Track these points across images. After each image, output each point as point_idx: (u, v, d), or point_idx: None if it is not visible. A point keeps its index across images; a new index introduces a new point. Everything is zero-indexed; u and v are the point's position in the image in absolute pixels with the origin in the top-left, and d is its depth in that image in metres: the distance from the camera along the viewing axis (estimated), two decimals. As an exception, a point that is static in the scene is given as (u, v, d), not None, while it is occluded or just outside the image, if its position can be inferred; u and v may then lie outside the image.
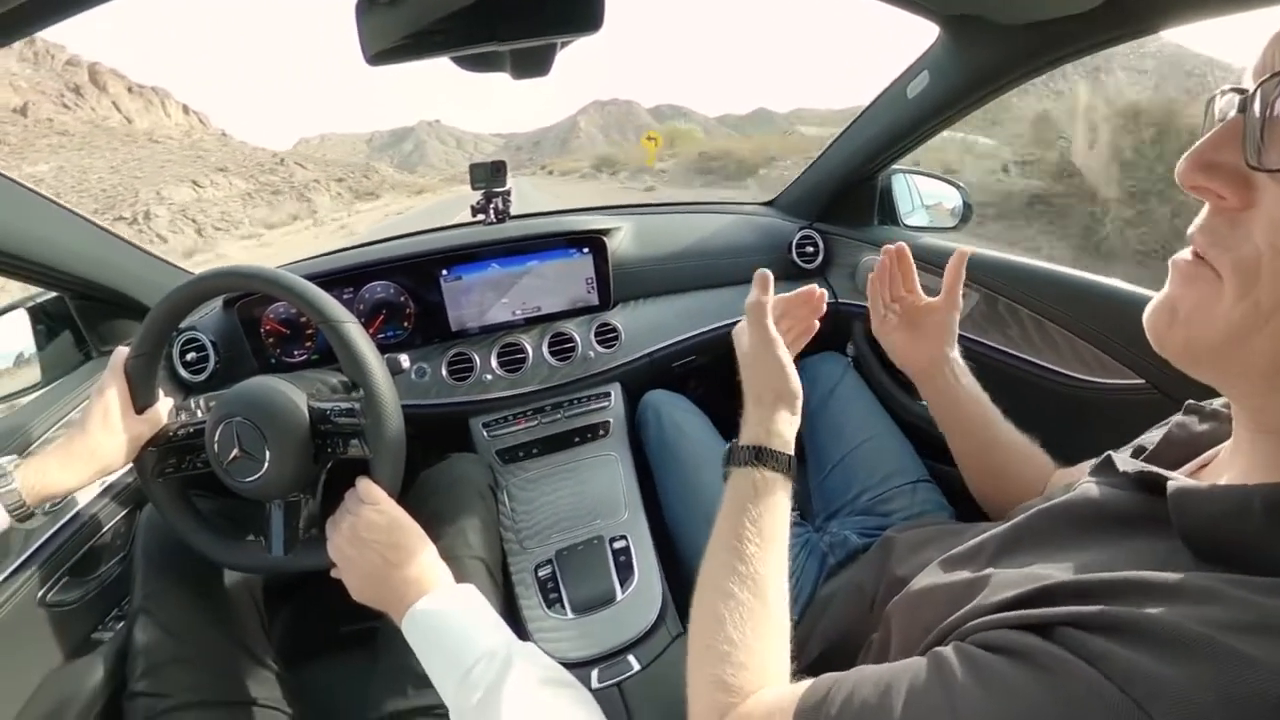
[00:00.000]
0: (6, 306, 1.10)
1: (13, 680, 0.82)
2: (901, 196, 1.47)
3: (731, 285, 1.53)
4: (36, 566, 0.86)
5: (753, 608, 0.53)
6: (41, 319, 1.12)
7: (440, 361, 1.35)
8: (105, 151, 35.90)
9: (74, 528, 0.93)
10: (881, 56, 73.73)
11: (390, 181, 62.93)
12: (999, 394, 1.18)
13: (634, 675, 0.92)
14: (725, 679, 0.49)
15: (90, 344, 1.17)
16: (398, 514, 0.74)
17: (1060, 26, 0.84)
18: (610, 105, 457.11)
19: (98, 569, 0.97)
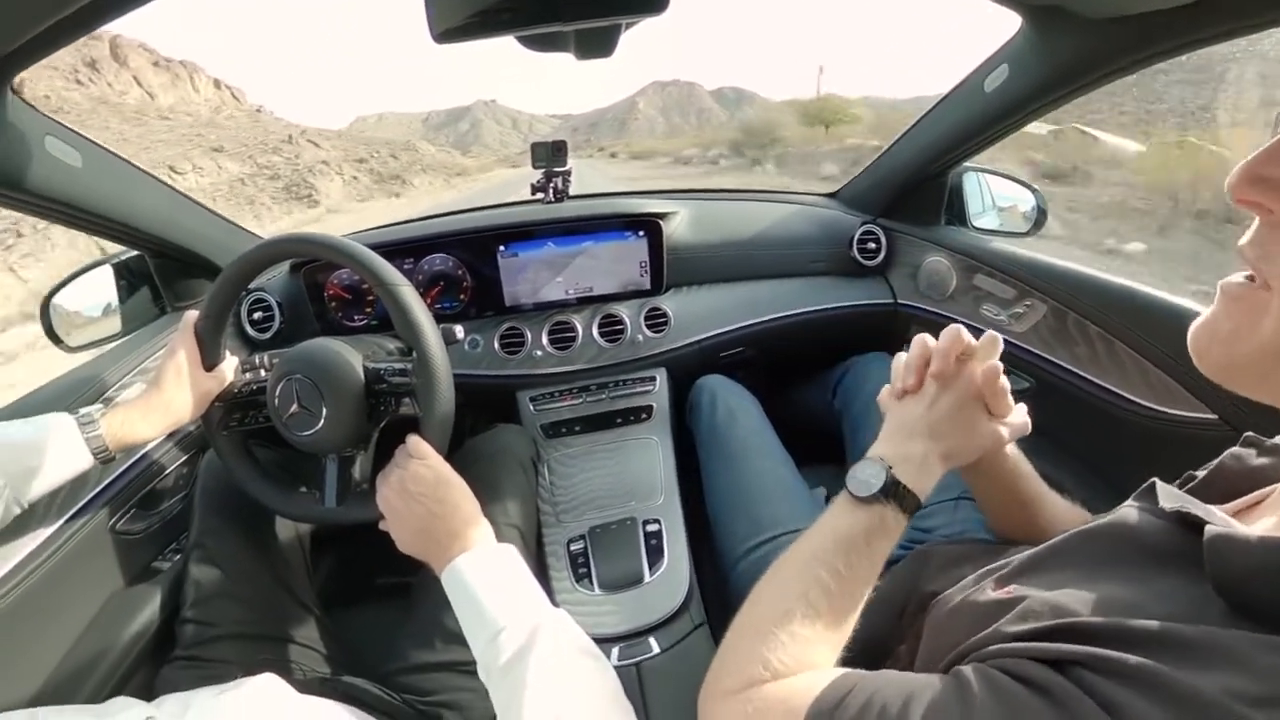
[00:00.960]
0: (96, 262, 1.19)
1: (83, 595, 0.90)
2: (972, 196, 1.40)
3: (788, 278, 1.51)
4: (109, 499, 0.94)
5: (825, 621, 0.53)
6: (124, 275, 1.21)
7: (493, 335, 1.38)
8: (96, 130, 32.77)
9: (142, 466, 1.01)
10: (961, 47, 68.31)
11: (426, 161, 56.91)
12: (1060, 416, 1.13)
13: (653, 657, 0.92)
14: (771, 659, 0.50)
15: (165, 299, 1.26)
16: (445, 470, 0.76)
17: (1153, 21, 0.78)
18: (671, 87, 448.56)
19: (161, 505, 1.06)
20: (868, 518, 0.57)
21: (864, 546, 0.56)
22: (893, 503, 0.57)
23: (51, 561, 0.84)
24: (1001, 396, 0.62)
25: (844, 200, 1.63)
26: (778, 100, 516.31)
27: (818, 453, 1.28)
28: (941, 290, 1.35)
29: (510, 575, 0.69)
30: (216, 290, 0.88)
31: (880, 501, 0.57)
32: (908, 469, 0.59)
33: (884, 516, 0.57)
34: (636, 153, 64.15)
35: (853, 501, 0.59)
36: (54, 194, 0.92)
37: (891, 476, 0.58)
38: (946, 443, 0.61)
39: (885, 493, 0.57)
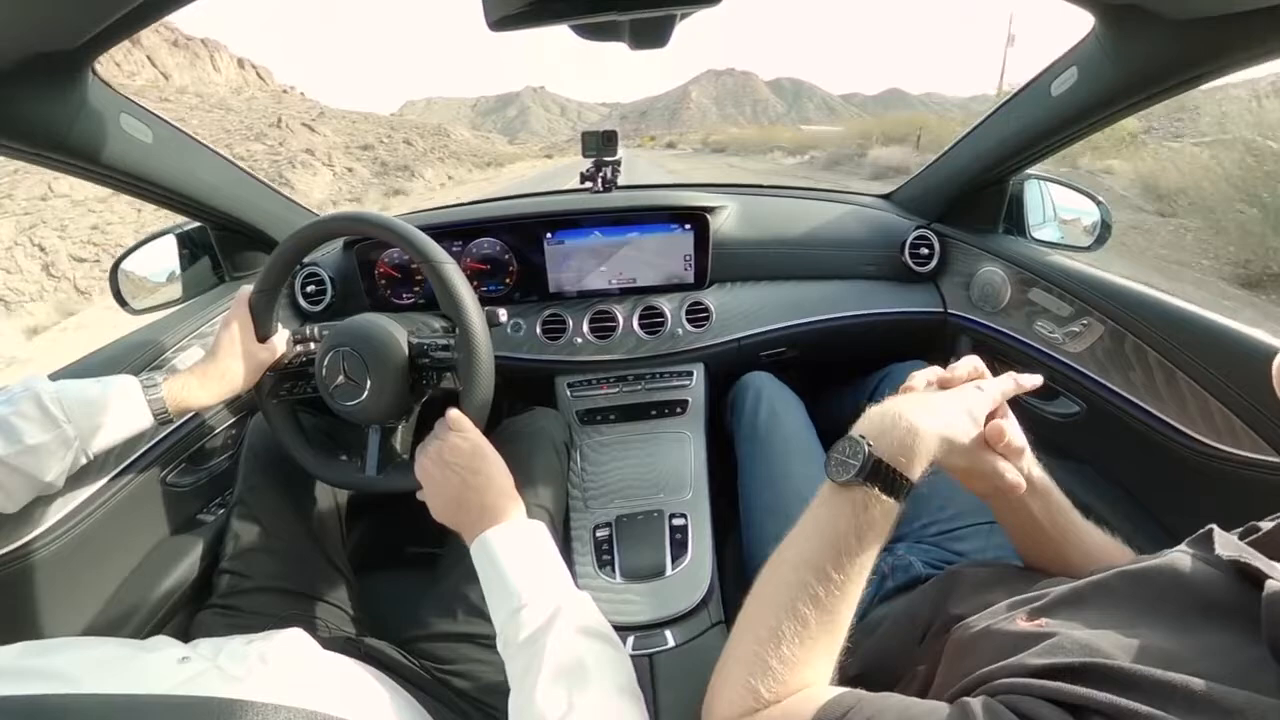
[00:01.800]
0: (161, 231, 1.26)
1: (133, 540, 0.97)
2: (1033, 206, 1.33)
3: (835, 279, 1.48)
4: (162, 453, 1.00)
5: (816, 637, 0.49)
6: (187, 245, 1.29)
7: (535, 320, 1.40)
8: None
9: (194, 425, 1.07)
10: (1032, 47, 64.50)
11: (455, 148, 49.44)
12: (1109, 445, 1.08)
13: (667, 650, 0.93)
14: (761, 690, 0.48)
15: (224, 269, 1.33)
16: (482, 443, 0.77)
17: (1240, 24, 0.73)
18: (726, 76, 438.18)
19: (209, 462, 1.12)
20: (851, 507, 0.51)
21: (852, 543, 0.50)
22: (874, 486, 0.50)
23: (107, 507, 0.90)
24: (999, 439, 0.57)
25: (898, 202, 1.58)
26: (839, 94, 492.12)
27: None
28: (994, 302, 1.29)
29: (537, 552, 0.70)
30: (271, 264, 0.92)
31: (861, 485, 0.51)
32: (889, 441, 0.52)
33: (867, 504, 0.50)
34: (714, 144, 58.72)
35: (833, 489, 0.53)
36: (126, 167, 0.99)
37: (870, 453, 0.51)
38: (940, 420, 0.54)
39: (865, 473, 0.50)
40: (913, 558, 0.91)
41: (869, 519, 0.50)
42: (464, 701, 0.78)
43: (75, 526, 0.85)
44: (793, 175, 19.23)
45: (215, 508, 1.11)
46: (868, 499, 0.51)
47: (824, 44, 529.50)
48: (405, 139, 42.53)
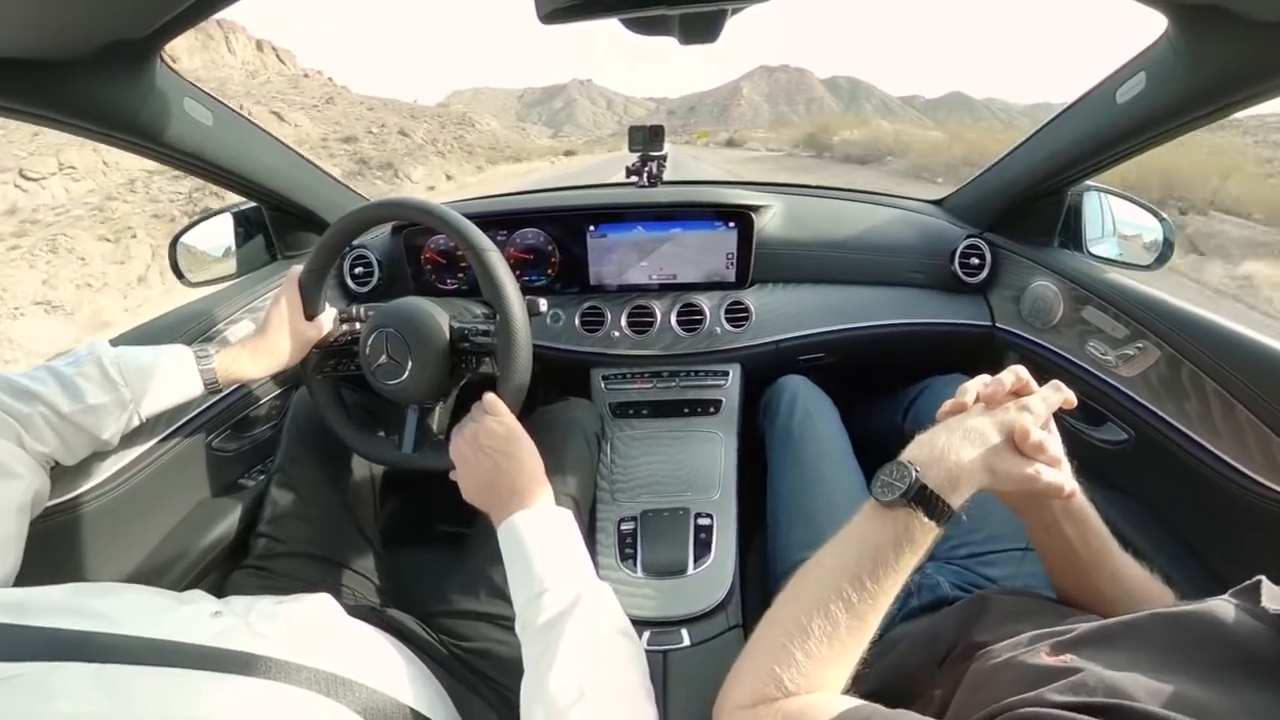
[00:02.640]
0: (219, 210, 1.33)
1: (177, 499, 1.02)
2: (1092, 219, 1.27)
3: (880, 285, 1.44)
4: (209, 419, 1.05)
5: (843, 639, 0.51)
6: (242, 223, 1.35)
7: (575, 311, 1.41)
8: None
9: (241, 394, 1.12)
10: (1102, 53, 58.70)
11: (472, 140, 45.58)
12: (1156, 478, 1.03)
13: (682, 649, 0.93)
14: (784, 679, 0.49)
15: (277, 248, 1.39)
16: (516, 428, 0.79)
17: None
18: (780, 72, 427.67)
19: (253, 430, 1.17)
20: (893, 525, 0.53)
21: (890, 558, 0.52)
22: (918, 509, 0.52)
23: (156, 466, 0.95)
24: (1040, 451, 0.56)
25: (950, 209, 1.53)
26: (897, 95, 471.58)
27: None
28: (1045, 319, 1.24)
29: (563, 539, 0.71)
30: (322, 245, 0.95)
31: (905, 507, 0.53)
32: (937, 471, 0.54)
33: (910, 525, 0.52)
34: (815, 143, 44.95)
35: (877, 508, 0.55)
36: (188, 148, 1.04)
37: (917, 479, 0.53)
38: (988, 451, 0.56)
39: (910, 497, 0.52)
40: (940, 578, 0.89)
41: (909, 538, 0.52)
42: (479, 679, 0.79)
43: (126, 482, 0.90)
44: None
45: (256, 474, 1.16)
46: (910, 520, 0.53)
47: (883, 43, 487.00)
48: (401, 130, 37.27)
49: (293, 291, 0.94)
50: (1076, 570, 0.65)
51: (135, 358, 0.81)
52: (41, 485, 0.72)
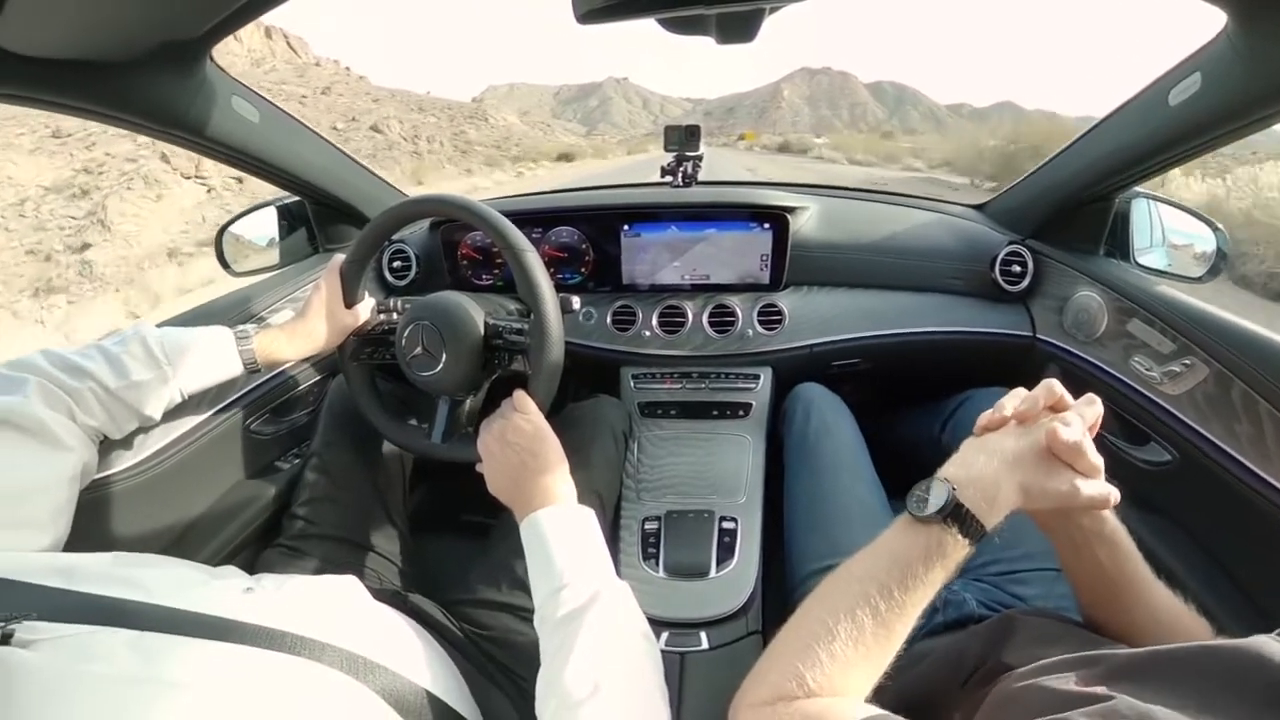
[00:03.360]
0: (263, 203, 1.38)
1: (215, 477, 1.05)
2: (1140, 227, 1.21)
3: (917, 291, 1.41)
4: (249, 402, 1.09)
5: (868, 645, 0.51)
6: (286, 216, 1.39)
7: (607, 310, 1.42)
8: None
9: (280, 380, 1.16)
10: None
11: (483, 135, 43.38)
12: (1200, 502, 0.98)
13: (700, 651, 0.93)
14: (807, 678, 0.49)
15: (319, 241, 1.43)
16: (543, 426, 0.80)
17: None
18: (821, 75, 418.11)
19: (290, 415, 1.21)
20: (925, 540, 0.53)
21: (920, 571, 0.52)
22: (954, 526, 0.53)
23: (196, 445, 0.99)
24: (1077, 455, 0.54)
25: (991, 214, 1.49)
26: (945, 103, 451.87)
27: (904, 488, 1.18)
28: (1088, 330, 1.19)
29: (584, 537, 0.72)
30: (363, 238, 0.98)
31: (939, 523, 0.53)
32: (974, 492, 0.54)
33: (943, 541, 0.53)
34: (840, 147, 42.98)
35: (911, 521, 0.55)
36: (235, 144, 1.09)
37: (954, 497, 0.53)
38: (1024, 473, 0.55)
39: (945, 513, 0.53)
40: (968, 595, 0.87)
41: (940, 554, 0.53)
42: (496, 668, 0.80)
43: (168, 458, 0.94)
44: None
45: (292, 457, 1.20)
46: (943, 536, 0.53)
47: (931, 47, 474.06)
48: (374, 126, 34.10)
49: (333, 280, 0.97)
50: (1107, 595, 0.63)
51: (177, 337, 0.84)
52: (90, 458, 0.75)
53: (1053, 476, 0.55)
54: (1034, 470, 0.55)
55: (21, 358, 0.74)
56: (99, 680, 0.45)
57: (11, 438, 0.66)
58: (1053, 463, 0.55)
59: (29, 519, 0.63)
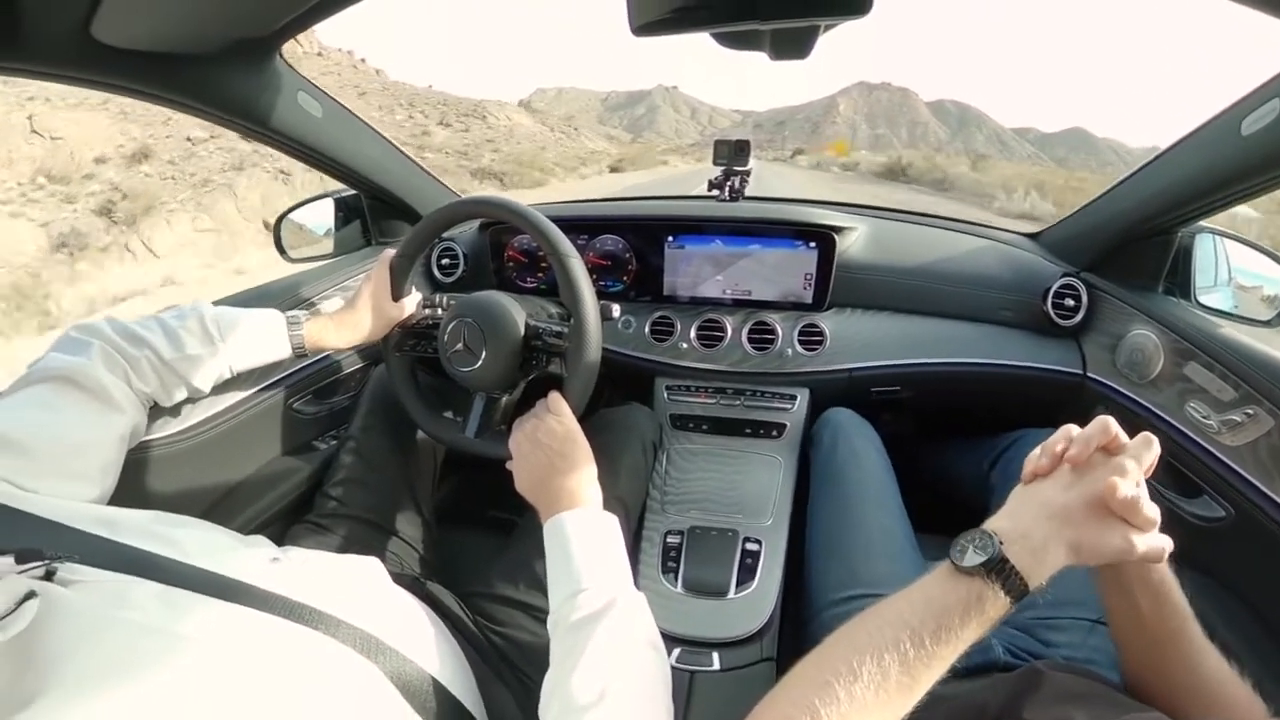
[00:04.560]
0: (322, 195, 1.44)
1: (255, 451, 1.10)
2: (1204, 265, 1.15)
3: (964, 320, 1.37)
4: (294, 382, 1.13)
5: (890, 691, 0.49)
6: (342, 208, 1.45)
7: (646, 319, 1.42)
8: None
9: (325, 363, 1.20)
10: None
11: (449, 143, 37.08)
12: (1256, 564, 0.92)
13: (710, 672, 0.91)
14: (822, 714, 0.47)
15: (372, 234, 1.49)
16: (575, 429, 0.81)
17: None
18: (880, 91, 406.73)
19: (332, 398, 1.25)
20: (966, 592, 0.51)
21: (955, 622, 0.50)
22: (996, 581, 0.50)
23: (240, 418, 1.03)
24: (1133, 511, 0.51)
25: (1046, 244, 1.43)
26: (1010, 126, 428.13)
27: (949, 523, 1.14)
28: (1142, 372, 1.13)
29: (605, 543, 0.72)
30: (414, 234, 1.01)
31: (982, 576, 0.51)
32: (1021, 548, 0.51)
33: (983, 595, 0.50)
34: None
35: (952, 571, 0.53)
36: (299, 137, 1.15)
37: (1000, 552, 0.51)
38: (1075, 531, 0.52)
39: (989, 568, 0.50)
40: (995, 639, 0.83)
41: (979, 608, 0.50)
42: (504, 663, 0.81)
43: (212, 429, 0.98)
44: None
45: (329, 438, 1.23)
46: (984, 591, 0.51)
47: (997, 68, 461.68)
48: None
49: (383, 273, 1.00)
50: (1148, 647, 0.60)
51: (232, 317, 0.88)
52: (140, 421, 0.80)
53: (1105, 532, 0.52)
54: (1086, 526, 0.52)
55: (89, 322, 0.79)
56: (127, 628, 0.47)
57: (72, 395, 0.71)
58: (1106, 517, 0.52)
59: (80, 471, 0.68)
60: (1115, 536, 0.52)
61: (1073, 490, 0.54)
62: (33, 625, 0.43)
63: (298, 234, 1.40)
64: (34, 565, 0.48)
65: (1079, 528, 0.52)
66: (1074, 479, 0.55)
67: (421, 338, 1.05)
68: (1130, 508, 0.51)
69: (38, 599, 0.44)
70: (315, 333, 0.95)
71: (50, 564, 0.48)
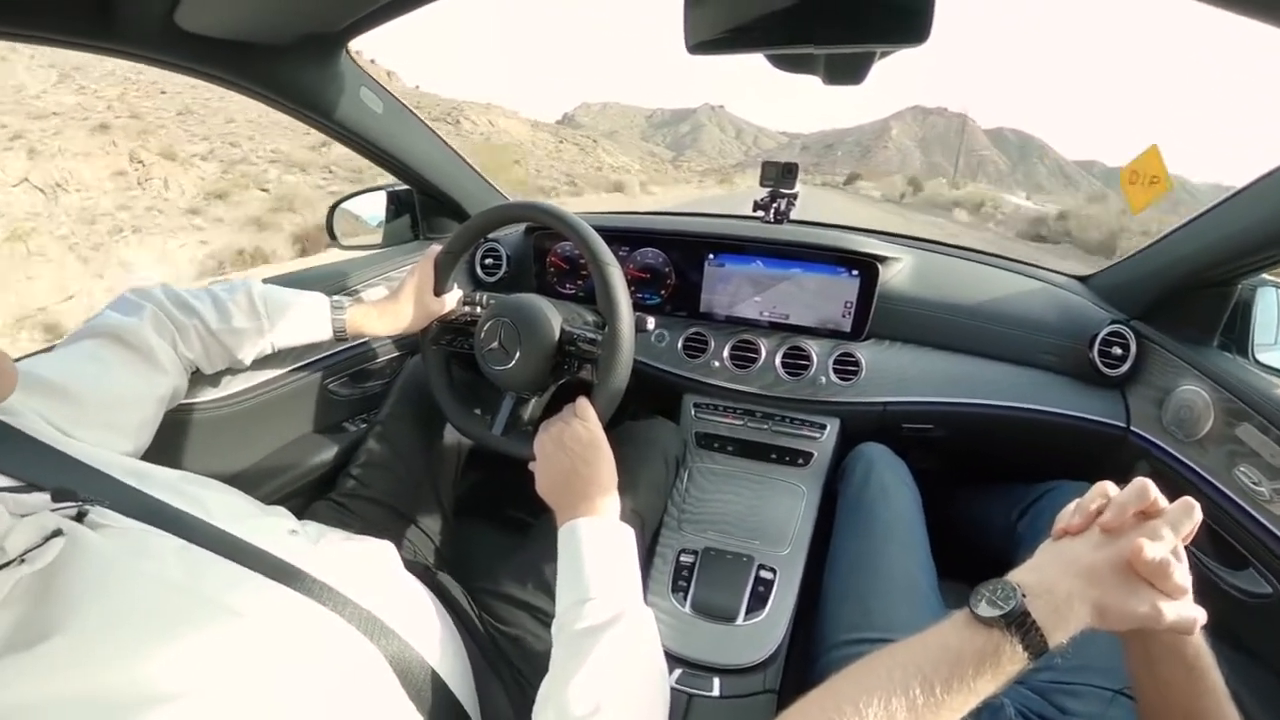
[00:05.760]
0: (375, 187, 1.50)
1: (287, 425, 1.13)
2: (1265, 320, 1.09)
3: (1005, 362, 1.32)
4: (331, 364, 1.17)
5: None
6: (394, 202, 1.50)
7: (679, 334, 1.42)
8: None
9: (363, 349, 1.25)
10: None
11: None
12: None
13: (709, 698, 0.90)
14: None
15: (421, 229, 1.53)
16: (600, 437, 0.81)
17: None
18: (935, 115, 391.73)
19: (366, 383, 1.28)
20: (983, 643, 0.49)
21: (969, 673, 0.48)
22: (1015, 635, 0.48)
23: (277, 393, 1.07)
24: (1162, 576, 0.49)
25: (1097, 288, 1.38)
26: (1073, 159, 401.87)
27: (970, 570, 1.09)
28: (1190, 430, 1.06)
29: (619, 555, 0.72)
30: (462, 232, 1.04)
31: (1001, 628, 0.49)
32: (1044, 604, 0.50)
33: (1000, 648, 0.48)
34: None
35: (970, 620, 0.51)
36: (359, 130, 1.20)
37: (1022, 605, 0.49)
38: (1101, 591, 0.50)
39: (1010, 620, 0.49)
40: (1008, 699, 0.79)
41: (995, 661, 0.49)
42: (503, 662, 0.81)
43: (249, 400, 1.02)
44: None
45: (359, 421, 1.27)
46: (1002, 644, 0.49)
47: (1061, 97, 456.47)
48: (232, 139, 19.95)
49: (428, 267, 1.03)
50: None
51: (280, 296, 0.92)
52: (181, 384, 0.84)
53: (1132, 596, 0.50)
54: (1112, 588, 0.50)
55: (144, 287, 0.84)
56: (147, 579, 0.49)
57: (121, 352, 0.75)
58: (1134, 580, 0.50)
59: (119, 424, 0.71)
60: (1142, 602, 0.49)
61: (1102, 550, 0.52)
62: (56, 562, 0.45)
63: (351, 223, 1.45)
64: (67, 505, 0.50)
65: (1105, 588, 0.50)
66: (1105, 539, 0.53)
67: (459, 333, 1.08)
68: (1158, 572, 0.49)
69: (64, 537, 0.46)
70: (357, 319, 0.98)
71: (82, 506, 0.51)
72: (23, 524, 0.45)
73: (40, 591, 0.43)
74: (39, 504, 0.49)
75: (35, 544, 0.44)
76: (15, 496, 0.48)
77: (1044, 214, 27.47)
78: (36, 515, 0.47)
